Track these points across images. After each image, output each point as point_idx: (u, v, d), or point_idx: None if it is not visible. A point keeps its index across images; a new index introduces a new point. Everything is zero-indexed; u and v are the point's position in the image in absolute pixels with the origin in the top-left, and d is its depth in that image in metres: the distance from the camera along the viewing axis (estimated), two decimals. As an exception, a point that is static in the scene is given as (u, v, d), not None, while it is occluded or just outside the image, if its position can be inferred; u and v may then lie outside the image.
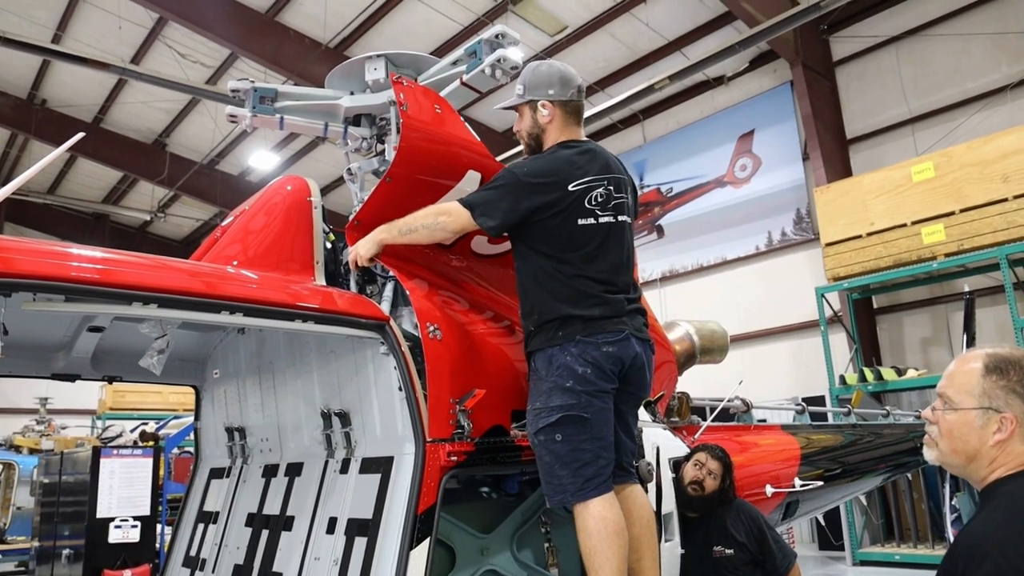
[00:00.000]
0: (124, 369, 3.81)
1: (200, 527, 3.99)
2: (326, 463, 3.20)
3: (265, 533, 3.40)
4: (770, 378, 12.50)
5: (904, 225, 10.58)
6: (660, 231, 15.27)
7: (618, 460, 3.09)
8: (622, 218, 3.12)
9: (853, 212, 11.06)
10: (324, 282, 3.17)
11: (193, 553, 3.93)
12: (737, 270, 14.06)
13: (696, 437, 4.50)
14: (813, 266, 12.71)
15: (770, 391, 11.44)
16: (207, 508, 4.03)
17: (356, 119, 4.11)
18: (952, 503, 9.68)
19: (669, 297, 14.65)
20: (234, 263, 3.11)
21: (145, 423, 9.87)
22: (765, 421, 8.19)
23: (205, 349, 4.07)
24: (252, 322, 2.56)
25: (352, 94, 4.06)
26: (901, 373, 10.87)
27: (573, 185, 3.00)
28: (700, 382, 5.60)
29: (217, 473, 4.10)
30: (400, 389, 2.79)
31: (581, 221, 3.01)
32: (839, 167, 12.59)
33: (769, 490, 4.70)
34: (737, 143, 14.15)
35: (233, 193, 18.96)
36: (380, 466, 2.86)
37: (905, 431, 6.70)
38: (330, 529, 2.97)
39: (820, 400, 11.04)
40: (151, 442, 8.41)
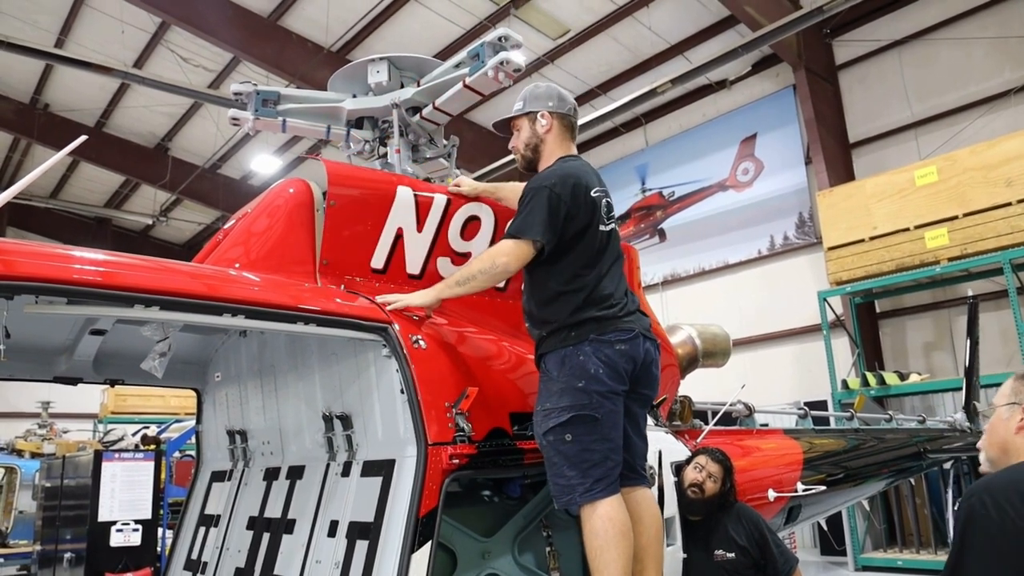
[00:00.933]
0: (126, 372, 3.80)
1: (201, 530, 3.98)
2: (327, 466, 3.19)
3: (266, 536, 3.39)
4: (772, 382, 12.47)
5: (907, 229, 10.57)
6: (662, 235, 15.26)
7: (628, 462, 3.11)
8: (614, 226, 3.30)
9: (856, 216, 11.05)
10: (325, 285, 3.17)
11: (194, 556, 3.92)
12: (739, 274, 14.04)
13: (698, 441, 4.49)
14: (815, 270, 12.69)
15: (772, 395, 11.41)
16: (208, 511, 4.02)
17: (359, 122, 4.12)
18: (955, 508, 9.65)
19: (671, 301, 14.63)
20: (236, 266, 3.11)
21: (147, 427, 9.86)
22: (767, 425, 8.18)
23: (207, 352, 4.07)
24: (254, 324, 2.55)
25: (355, 97, 4.07)
26: (904, 377, 10.85)
27: (593, 192, 3.17)
28: (702, 387, 5.57)
29: (219, 476, 4.09)
30: (402, 392, 2.78)
31: (602, 227, 3.18)
32: (842, 171, 12.57)
33: (772, 494, 4.69)
34: (739, 147, 14.14)
35: (235, 197, 18.97)
36: (382, 469, 2.85)
37: (908, 436, 6.69)
38: (331, 532, 2.96)
39: (822, 404, 11.01)
40: (152, 446, 8.39)
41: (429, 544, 2.59)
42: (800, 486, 4.84)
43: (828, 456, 5.62)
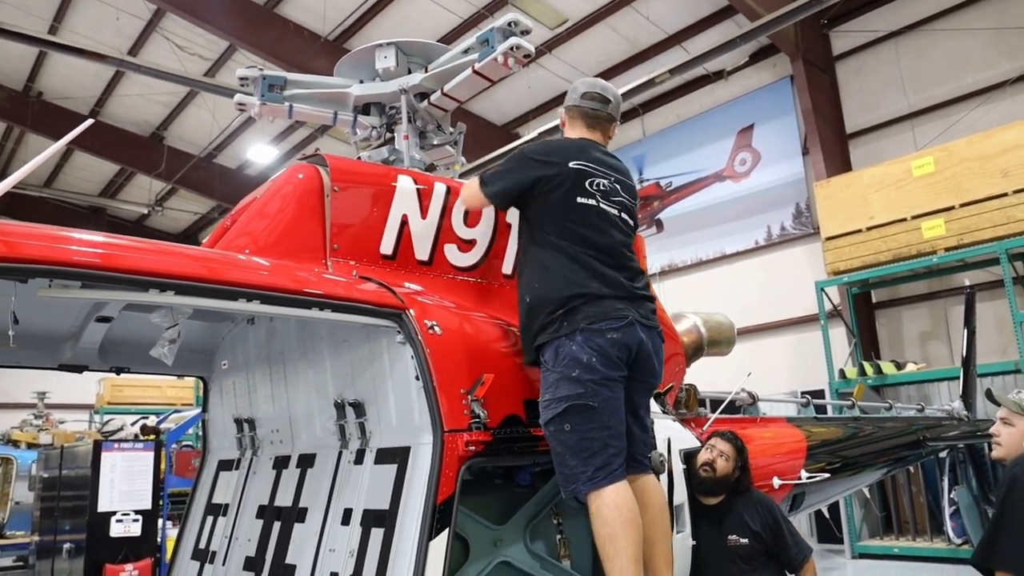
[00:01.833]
0: (132, 360, 3.78)
1: (209, 520, 3.97)
2: (340, 454, 3.18)
3: (277, 525, 3.38)
4: (770, 372, 12.49)
5: (904, 220, 10.59)
6: (659, 225, 15.26)
7: (631, 451, 3.10)
8: (625, 216, 3.28)
9: (853, 206, 11.07)
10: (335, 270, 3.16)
11: (202, 546, 3.91)
12: (736, 264, 14.05)
13: (705, 429, 4.50)
14: (812, 260, 12.71)
15: (769, 385, 11.37)
16: (216, 500, 4.01)
17: (365, 108, 4.10)
18: (951, 496, 9.72)
19: (668, 291, 14.63)
20: (246, 251, 3.09)
21: (146, 417, 9.83)
22: (765, 415, 8.19)
23: (214, 340, 4.05)
24: (269, 310, 2.54)
25: (361, 83, 4.04)
26: (900, 367, 10.90)
27: (574, 163, 3.18)
28: (701, 375, 5.58)
29: (226, 465, 4.07)
30: (417, 378, 2.77)
31: (580, 199, 3.15)
32: (839, 162, 12.58)
33: (776, 482, 4.70)
34: (736, 137, 14.13)
35: (231, 186, 18.88)
36: (396, 456, 2.84)
37: (908, 424, 6.71)
38: (345, 520, 2.95)
39: (819, 394, 11.04)
40: (152, 436, 8.36)
41: (446, 531, 2.58)
42: (804, 474, 4.85)
43: (831, 444, 5.64)
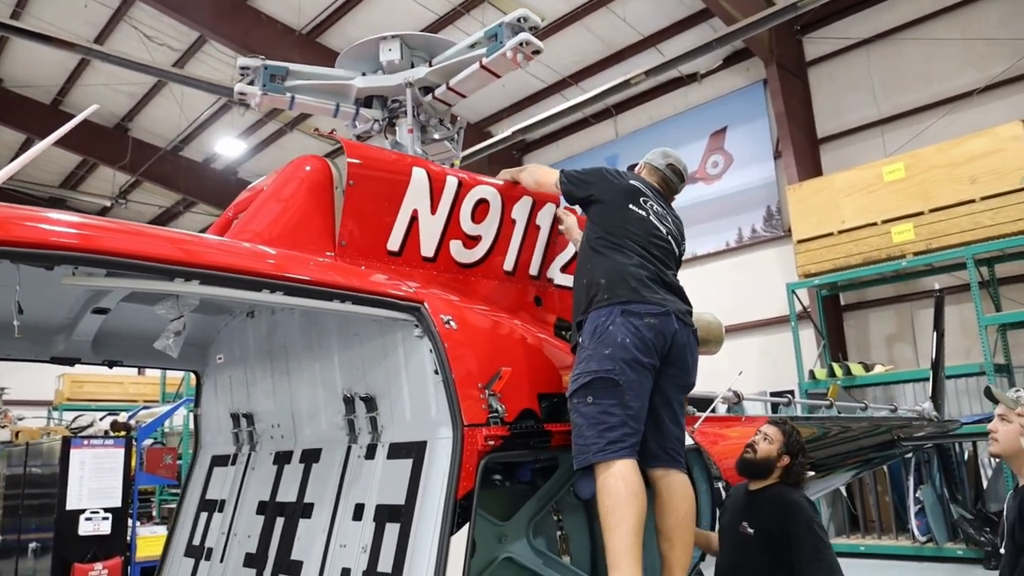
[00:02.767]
0: (126, 353, 3.70)
1: (203, 516, 3.89)
2: (349, 449, 3.13)
3: (280, 521, 3.32)
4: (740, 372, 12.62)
5: (874, 224, 10.80)
6: (631, 226, 15.34)
7: (664, 444, 3.15)
8: (671, 239, 3.57)
9: (825, 210, 11.25)
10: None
11: (196, 543, 3.83)
12: (707, 266, 14.19)
13: (695, 428, 4.52)
14: (783, 263, 12.90)
15: (739, 386, 11.54)
16: (210, 496, 3.93)
17: (367, 100, 4.05)
18: (916, 495, 9.94)
19: (639, 292, 14.74)
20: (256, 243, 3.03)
21: (116, 414, 9.62)
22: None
23: (208, 334, 3.97)
24: (291, 301, 2.50)
25: (364, 75, 4.00)
26: (868, 369, 11.10)
27: (633, 182, 3.61)
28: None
29: (220, 461, 3.99)
30: (436, 372, 2.74)
31: (632, 207, 3.47)
32: (810, 166, 12.78)
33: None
34: (709, 140, 14.28)
35: (197, 180, 18.55)
36: (412, 451, 2.81)
37: (883, 424, 6.84)
38: (357, 516, 2.91)
39: (790, 395, 11.19)
40: (123, 432, 8.18)
41: (467, 526, 2.57)
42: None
43: (812, 443, 5.70)
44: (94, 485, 7.39)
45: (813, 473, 5.22)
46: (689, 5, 12.98)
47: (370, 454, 3.01)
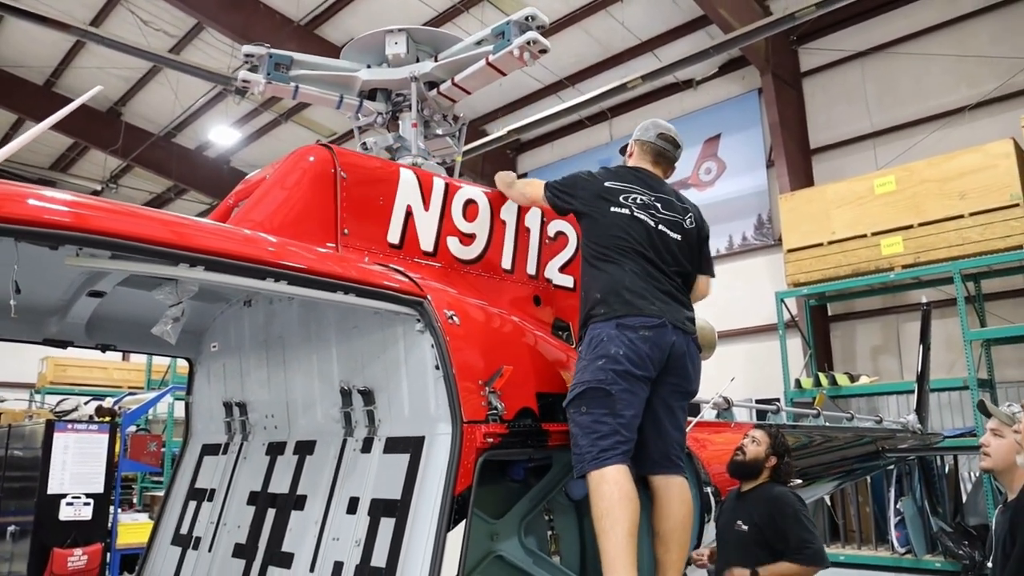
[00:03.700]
0: (119, 337, 3.67)
1: (192, 504, 3.86)
2: (344, 441, 3.13)
3: (271, 512, 3.30)
4: (726, 380, 12.67)
5: (864, 236, 10.88)
6: (622, 229, 15.37)
7: (662, 450, 3.18)
8: (664, 228, 3.43)
9: (816, 220, 11.33)
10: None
11: (184, 531, 3.80)
12: (697, 272, 14.21)
13: (686, 431, 4.55)
14: (772, 271, 12.97)
15: (725, 393, 11.60)
16: (200, 485, 3.91)
17: (371, 93, 4.04)
18: (897, 507, 10.02)
19: (629, 295, 14.77)
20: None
21: (101, 399, 9.54)
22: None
23: (203, 321, 3.94)
24: (295, 291, 2.49)
25: (369, 67, 3.99)
26: (854, 379, 11.18)
27: (609, 183, 3.47)
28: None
29: (211, 449, 3.97)
30: (437, 367, 2.74)
31: (614, 209, 3.39)
32: (802, 176, 12.86)
33: (751, 487, 4.76)
34: (703, 146, 14.34)
35: (189, 167, 18.43)
36: (409, 446, 2.80)
37: (869, 435, 6.90)
38: (351, 509, 2.90)
39: (776, 403, 11.27)
40: (108, 418, 8.11)
41: (464, 522, 2.57)
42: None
43: (798, 451, 5.74)
44: (77, 470, 7.31)
45: (800, 481, 5.27)
46: (687, 12, 13.03)
47: (366, 448, 3.00)
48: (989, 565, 3.35)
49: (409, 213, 3.40)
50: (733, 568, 4.04)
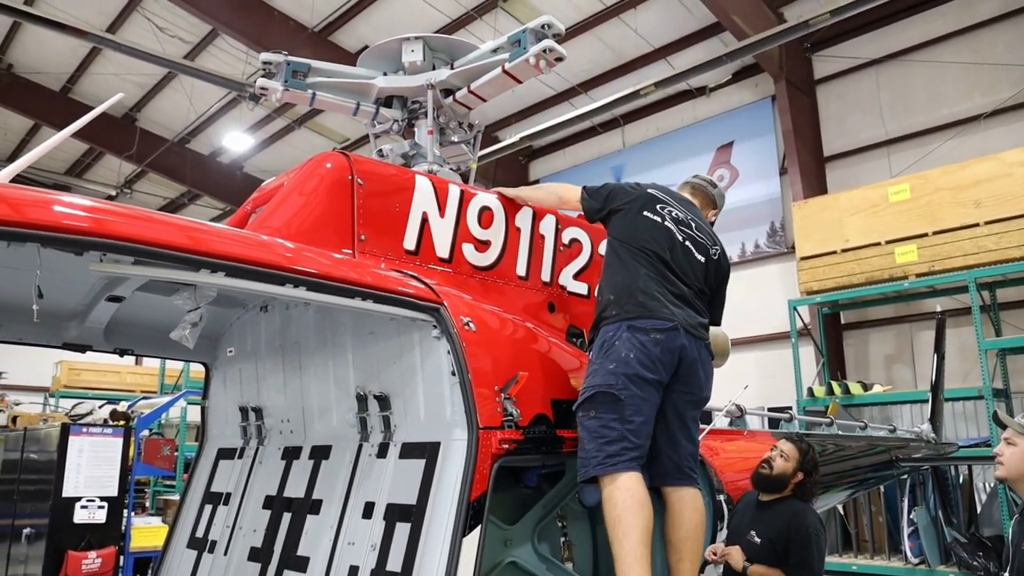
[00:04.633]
0: (137, 342, 3.70)
1: (207, 508, 3.89)
2: (360, 447, 3.14)
3: (287, 516, 3.32)
4: (737, 388, 12.62)
5: (878, 244, 10.80)
6: (634, 236, 15.36)
7: (675, 462, 3.19)
8: (690, 245, 3.48)
9: (829, 228, 11.27)
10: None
11: (199, 535, 3.83)
12: (709, 279, 14.18)
13: (699, 439, 4.54)
14: (784, 279, 12.92)
15: (738, 401, 11.56)
16: (215, 489, 3.93)
17: (387, 100, 4.07)
18: (910, 517, 9.94)
19: (640, 302, 14.75)
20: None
21: (116, 402, 9.59)
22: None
23: (220, 326, 3.97)
24: (313, 296, 2.51)
25: (385, 75, 4.02)
26: (867, 388, 11.12)
27: (651, 190, 3.61)
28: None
29: (227, 454, 3.99)
30: (453, 374, 2.76)
31: (647, 214, 3.44)
32: (815, 183, 12.81)
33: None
34: (716, 153, 14.32)
35: (203, 173, 18.55)
36: (425, 451, 2.82)
37: (883, 444, 6.85)
38: (367, 514, 2.91)
39: (788, 411, 11.20)
40: (122, 422, 8.16)
41: (479, 528, 2.57)
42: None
43: (815, 459, 5.72)
44: (91, 473, 7.37)
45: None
46: (700, 19, 13.03)
47: (382, 453, 3.02)
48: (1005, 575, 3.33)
49: (425, 220, 3.42)
50: (732, 551, 4.00)
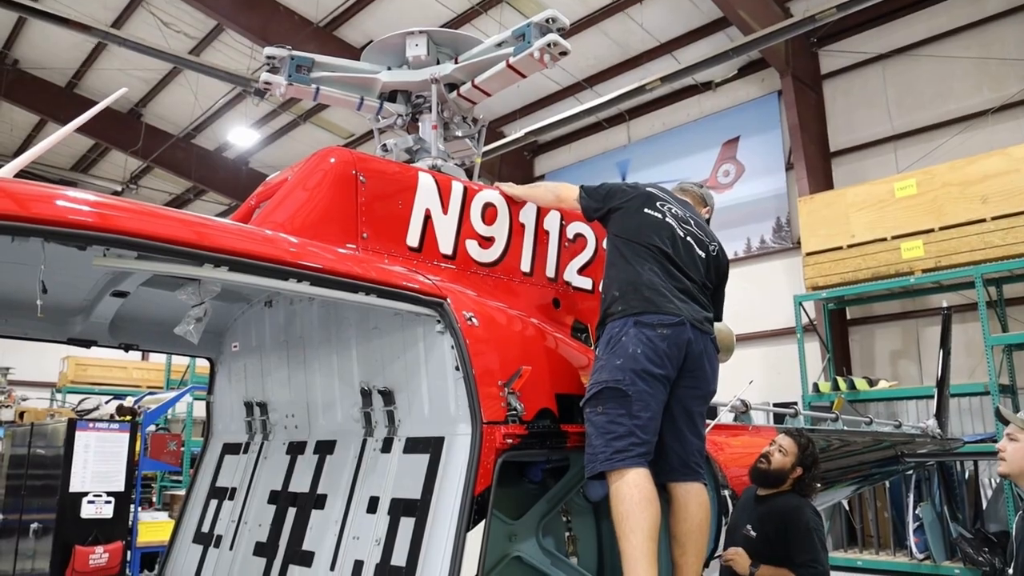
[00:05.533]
0: (142, 337, 3.71)
1: (213, 503, 3.90)
2: (364, 441, 3.14)
3: (292, 511, 3.33)
4: (743, 383, 12.61)
5: (884, 239, 10.77)
6: (639, 232, 15.35)
7: (681, 458, 3.19)
8: (691, 241, 3.50)
9: (835, 223, 11.23)
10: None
11: (205, 529, 3.84)
12: (714, 275, 14.17)
13: (704, 433, 4.53)
14: (790, 275, 12.89)
15: (743, 396, 11.55)
16: (221, 484, 3.94)
17: (392, 95, 4.06)
18: (916, 512, 9.92)
19: (645, 298, 14.74)
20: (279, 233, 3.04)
21: (122, 398, 9.63)
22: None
23: (224, 321, 3.98)
24: (317, 291, 2.51)
25: (390, 69, 4.01)
26: (872, 384, 11.09)
27: (649, 188, 3.63)
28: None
29: (232, 448, 4.00)
30: (457, 369, 2.76)
31: (648, 211, 3.45)
32: (821, 179, 12.77)
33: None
34: (722, 149, 14.29)
35: (208, 168, 18.59)
36: (429, 446, 2.82)
37: (888, 439, 6.84)
38: (371, 508, 2.92)
39: (794, 407, 11.18)
40: (128, 417, 8.18)
41: (483, 523, 2.58)
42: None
43: (821, 454, 5.71)
44: (98, 468, 7.38)
45: (818, 486, 5.24)
46: (706, 13, 12.98)
47: (386, 447, 3.02)
48: (1010, 572, 3.33)
49: (428, 216, 3.42)
50: (737, 555, 3.98)
